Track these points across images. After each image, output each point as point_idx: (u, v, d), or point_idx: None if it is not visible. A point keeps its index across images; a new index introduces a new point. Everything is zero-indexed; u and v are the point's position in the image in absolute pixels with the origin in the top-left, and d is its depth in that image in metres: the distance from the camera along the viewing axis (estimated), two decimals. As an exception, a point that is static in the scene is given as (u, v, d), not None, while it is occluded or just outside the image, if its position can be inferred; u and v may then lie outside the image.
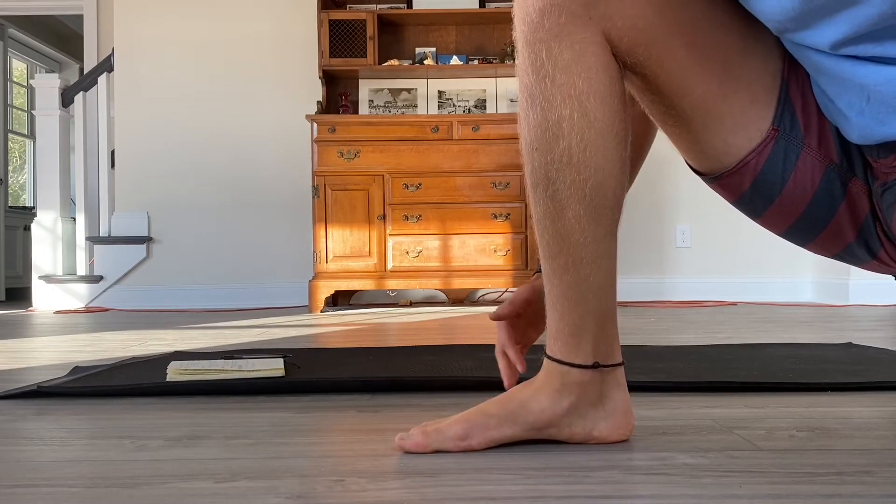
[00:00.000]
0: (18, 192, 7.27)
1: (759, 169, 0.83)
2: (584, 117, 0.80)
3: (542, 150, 0.82)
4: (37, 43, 6.71)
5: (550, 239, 0.85)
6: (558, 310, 0.87)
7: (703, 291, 4.18)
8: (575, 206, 0.82)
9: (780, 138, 0.81)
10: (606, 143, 0.81)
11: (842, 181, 0.82)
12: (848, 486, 0.74)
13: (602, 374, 0.89)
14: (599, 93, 0.80)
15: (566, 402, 0.88)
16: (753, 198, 0.86)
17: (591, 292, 0.86)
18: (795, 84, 0.81)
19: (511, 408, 0.90)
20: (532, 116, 0.82)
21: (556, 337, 0.88)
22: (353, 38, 3.97)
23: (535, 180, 0.83)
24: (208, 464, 0.85)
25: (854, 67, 0.70)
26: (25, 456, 0.91)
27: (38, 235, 4.26)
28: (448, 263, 3.72)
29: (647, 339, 2.18)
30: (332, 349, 1.91)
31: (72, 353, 1.99)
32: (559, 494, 0.73)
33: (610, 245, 0.86)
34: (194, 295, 4.23)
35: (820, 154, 0.81)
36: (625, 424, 0.91)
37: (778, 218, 0.87)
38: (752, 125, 0.82)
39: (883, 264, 0.87)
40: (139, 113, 4.31)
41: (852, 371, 1.42)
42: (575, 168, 0.81)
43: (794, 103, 0.81)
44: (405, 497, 0.73)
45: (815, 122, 0.81)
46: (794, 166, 0.82)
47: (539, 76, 0.80)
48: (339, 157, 3.74)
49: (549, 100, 0.80)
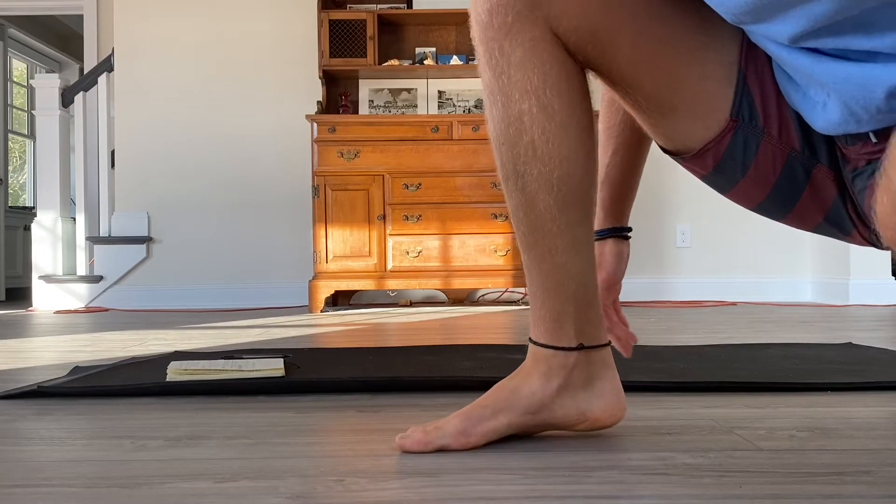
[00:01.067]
0: (18, 192, 7.28)
1: (720, 157, 0.83)
2: (542, 111, 0.82)
3: (508, 144, 0.84)
4: (37, 43, 6.71)
5: (525, 230, 0.87)
6: (539, 297, 0.89)
7: (703, 291, 4.18)
8: (544, 197, 0.84)
9: (738, 129, 0.82)
10: (569, 135, 0.83)
11: (805, 168, 0.82)
12: (848, 486, 0.74)
13: (588, 355, 0.90)
14: (556, 86, 0.82)
15: (555, 384, 0.90)
16: (717, 179, 0.87)
17: (570, 279, 0.88)
18: (754, 73, 0.81)
19: (503, 396, 0.91)
20: (495, 112, 0.85)
21: (539, 322, 0.90)
22: (353, 38, 3.97)
23: (506, 174, 0.86)
24: (208, 464, 0.85)
25: (813, 64, 0.69)
26: (25, 456, 0.91)
27: (38, 235, 4.26)
28: (448, 263, 3.72)
29: (647, 339, 2.18)
30: (332, 349, 1.91)
31: (72, 353, 1.99)
32: (559, 494, 0.73)
33: (585, 232, 0.88)
34: (194, 295, 4.23)
35: (781, 143, 0.81)
36: (617, 405, 0.92)
37: (744, 199, 0.88)
38: (709, 116, 0.82)
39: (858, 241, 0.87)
40: (139, 113, 4.31)
41: (852, 371, 1.42)
42: (541, 160, 0.83)
43: (752, 93, 0.81)
44: (405, 497, 0.73)
45: (774, 110, 0.81)
46: (754, 155, 0.82)
47: (496, 73, 0.83)
48: (339, 157, 3.74)
49: (507, 96, 0.83)
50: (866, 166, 0.76)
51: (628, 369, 1.44)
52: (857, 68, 0.66)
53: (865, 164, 0.76)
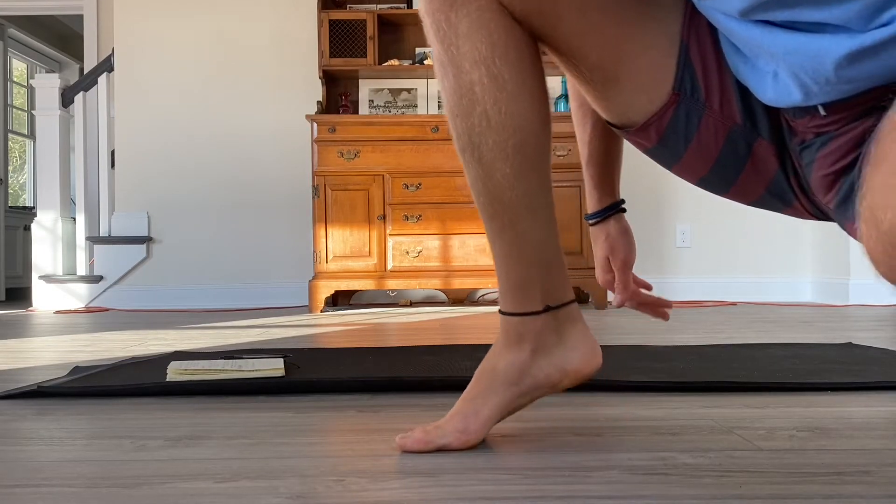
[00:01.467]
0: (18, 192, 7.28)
1: (663, 131, 0.84)
2: (493, 81, 0.82)
3: (462, 116, 0.84)
4: (37, 43, 6.71)
5: (485, 201, 0.87)
6: (503, 268, 0.90)
7: (703, 291, 4.18)
8: (501, 167, 0.85)
9: (680, 102, 0.82)
10: (521, 103, 0.83)
11: (746, 142, 0.82)
12: (848, 486, 0.74)
13: (555, 315, 0.91)
14: (505, 56, 0.82)
15: (528, 349, 0.90)
16: (660, 153, 0.87)
17: (532, 246, 0.88)
18: (696, 46, 0.81)
19: (485, 379, 0.91)
20: (447, 84, 0.85)
21: (506, 293, 0.91)
22: (353, 38, 3.97)
23: (462, 146, 0.86)
24: (208, 464, 0.85)
25: (763, 35, 0.69)
26: (25, 456, 0.91)
27: (38, 235, 4.26)
28: (448, 263, 3.72)
29: (647, 339, 2.18)
30: (332, 349, 1.91)
31: (72, 353, 1.99)
32: (559, 494, 0.73)
33: (544, 198, 0.88)
34: (194, 295, 4.23)
35: (722, 116, 0.82)
36: (592, 354, 0.92)
37: (687, 173, 0.88)
38: (651, 89, 0.82)
39: (800, 214, 0.87)
40: (139, 113, 4.31)
41: (852, 371, 1.42)
42: (495, 130, 0.83)
43: (694, 66, 0.81)
44: (405, 497, 0.73)
45: (716, 83, 0.81)
46: (696, 128, 0.82)
47: (444, 45, 0.83)
48: (339, 157, 3.73)
49: (458, 66, 0.83)
50: (815, 139, 0.76)
51: (629, 369, 1.44)
52: (807, 39, 0.66)
53: (814, 136, 0.76)
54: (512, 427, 1.01)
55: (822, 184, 0.77)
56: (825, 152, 0.75)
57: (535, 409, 1.13)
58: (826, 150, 0.75)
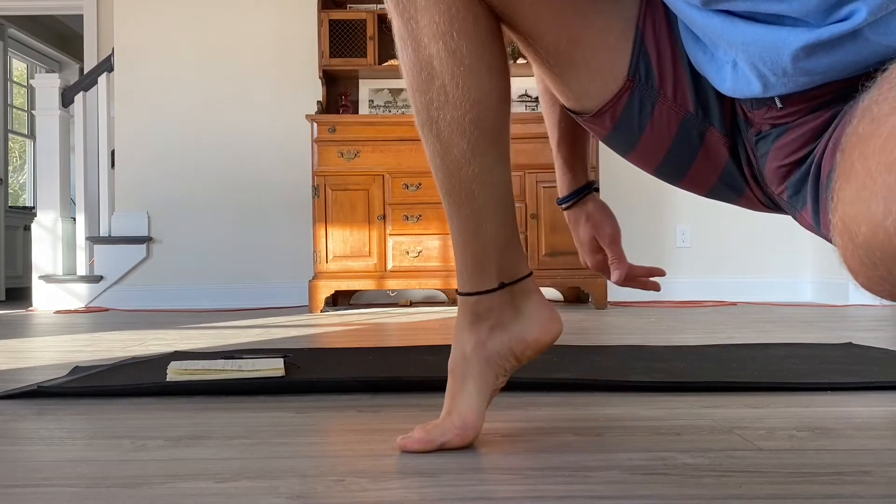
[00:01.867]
0: (18, 192, 7.28)
1: (617, 117, 0.84)
2: (451, 55, 0.82)
3: (421, 91, 0.84)
4: (37, 43, 6.71)
5: (443, 177, 0.87)
6: (460, 244, 0.91)
7: (703, 291, 4.18)
8: (458, 142, 0.84)
9: (635, 89, 0.82)
10: (480, 78, 0.83)
11: (698, 131, 0.83)
12: (848, 486, 0.74)
13: (510, 290, 0.92)
14: (464, 30, 0.81)
15: (485, 325, 0.91)
16: (616, 140, 0.88)
17: (488, 222, 0.88)
18: (651, 32, 0.82)
19: (458, 369, 0.92)
20: (406, 58, 0.84)
21: (462, 272, 0.92)
22: (353, 38, 3.97)
23: (421, 121, 0.86)
24: (208, 464, 0.85)
25: (724, 24, 0.69)
26: (25, 456, 0.91)
27: (38, 235, 4.26)
28: (448, 263, 3.72)
29: (647, 339, 2.18)
30: (332, 349, 1.91)
31: (72, 353, 1.99)
32: (559, 494, 0.73)
33: (500, 172, 0.88)
34: (194, 295, 4.23)
35: (675, 105, 0.82)
36: (550, 321, 0.93)
37: (642, 161, 0.89)
38: (606, 73, 0.83)
39: (752, 204, 0.88)
40: (139, 113, 4.31)
41: (852, 371, 1.42)
42: (452, 105, 0.83)
43: (649, 53, 0.82)
44: (405, 497, 0.73)
45: (670, 72, 0.81)
46: (650, 116, 0.83)
47: (404, 19, 0.82)
48: (339, 157, 3.74)
49: (417, 40, 0.82)
50: (771, 130, 0.76)
51: (629, 369, 1.44)
52: (765, 30, 0.66)
53: (770, 127, 0.76)
54: (512, 427, 1.01)
55: (776, 175, 0.78)
56: (780, 143, 0.75)
57: (536, 409, 1.13)
58: (781, 141, 0.75)
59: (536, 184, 3.71)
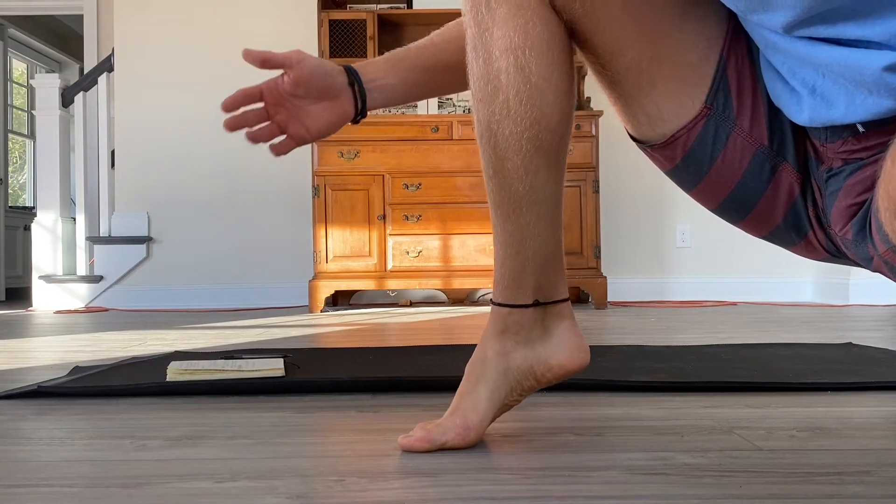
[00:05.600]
0: (18, 192, 7.28)
1: (690, 145, 0.84)
2: (520, 71, 0.82)
3: (485, 101, 0.85)
4: (37, 43, 6.71)
5: (494, 188, 0.88)
6: (500, 256, 0.91)
7: (703, 291, 4.18)
8: (513, 157, 0.85)
9: (711, 117, 0.82)
10: (544, 97, 0.83)
11: (771, 165, 0.82)
12: (848, 486, 0.74)
13: (543, 310, 0.91)
14: (536, 47, 0.82)
15: (511, 339, 0.91)
16: (684, 172, 0.87)
17: (531, 239, 0.88)
18: (734, 64, 0.81)
19: (475, 372, 0.92)
20: (475, 68, 0.85)
21: (499, 282, 0.92)
22: (353, 38, 3.97)
23: (480, 131, 0.87)
24: (208, 464, 0.85)
25: (807, 48, 0.70)
26: (25, 456, 0.91)
27: (38, 235, 4.26)
28: (448, 263, 3.72)
29: (647, 339, 2.18)
30: (332, 349, 1.91)
31: (72, 353, 1.99)
32: (559, 494, 0.73)
33: (551, 193, 0.88)
34: (194, 295, 4.23)
35: (751, 136, 0.82)
36: (578, 349, 0.92)
37: (707, 195, 0.88)
38: (685, 96, 0.82)
39: (811, 250, 0.87)
40: (139, 113, 4.31)
41: (852, 371, 1.42)
42: (513, 120, 0.83)
43: (729, 83, 0.81)
44: (405, 497, 0.73)
45: (749, 103, 0.81)
46: (723, 146, 0.82)
47: (480, 29, 0.83)
48: (340, 157, 3.74)
49: (488, 52, 0.83)
50: (844, 166, 0.76)
51: (629, 369, 1.44)
52: (850, 51, 0.66)
53: (842, 163, 0.76)
54: (512, 427, 1.01)
55: (844, 214, 0.77)
56: (853, 181, 0.75)
57: (535, 409, 1.13)
58: (855, 178, 0.75)
59: (536, 184, 3.71)
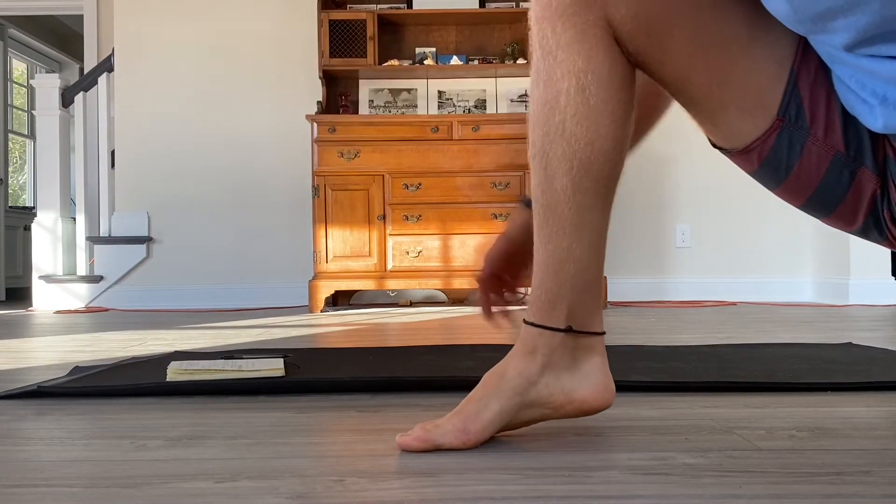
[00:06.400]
0: (18, 192, 7.27)
1: (765, 155, 0.84)
2: (580, 93, 0.84)
3: (541, 122, 0.86)
4: (37, 43, 6.71)
5: (540, 208, 0.88)
6: (539, 276, 0.90)
7: (703, 291, 4.17)
8: (562, 177, 0.86)
9: (784, 128, 0.82)
10: (600, 121, 0.84)
11: (849, 170, 0.82)
12: (848, 486, 0.74)
13: (575, 339, 0.91)
14: (598, 72, 0.84)
15: (538, 362, 0.90)
16: (763, 176, 0.88)
17: (571, 262, 0.88)
18: (806, 75, 0.82)
19: (492, 383, 0.91)
20: (536, 92, 0.87)
21: (534, 303, 0.91)
22: (353, 38, 3.97)
23: (533, 152, 0.88)
24: (208, 464, 0.85)
25: (872, 63, 0.71)
26: (25, 456, 0.91)
27: (38, 235, 4.26)
28: (448, 263, 3.72)
29: (647, 339, 2.18)
30: (332, 349, 1.91)
31: (72, 353, 1.99)
32: (559, 494, 0.73)
33: (596, 219, 0.88)
34: (194, 295, 4.23)
35: (826, 144, 0.82)
36: (604, 388, 0.92)
37: (790, 196, 0.89)
38: (757, 112, 0.83)
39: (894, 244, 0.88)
40: (139, 113, 4.31)
41: (852, 371, 1.42)
42: (566, 140, 0.85)
43: (801, 94, 0.82)
44: (405, 497, 0.73)
45: (822, 112, 0.82)
46: (799, 155, 0.83)
47: (544, 52, 0.85)
48: (340, 157, 3.74)
49: (550, 75, 0.85)
50: None
51: (629, 369, 1.44)
52: None
53: None
54: (512, 427, 1.01)
55: None
56: None
57: (535, 409, 1.13)
58: None
59: (536, 184, 3.71)
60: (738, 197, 4.08)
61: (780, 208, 4.04)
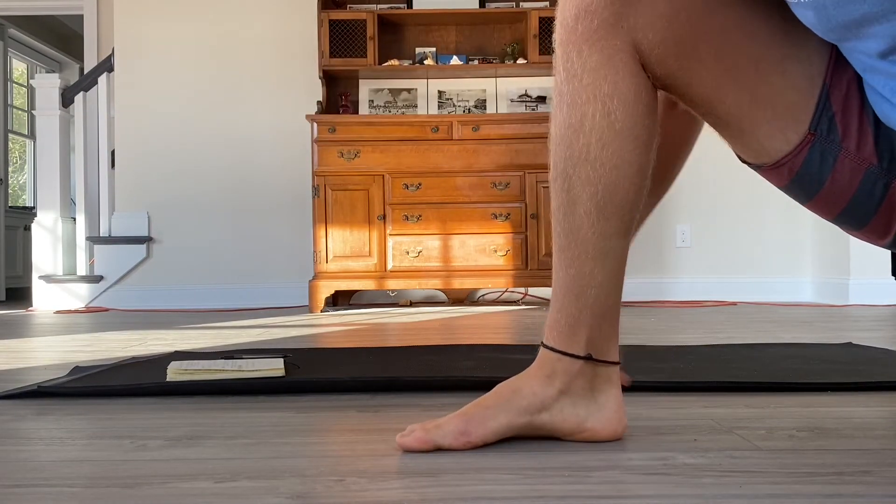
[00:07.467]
0: (18, 192, 7.27)
1: (796, 170, 0.84)
2: (605, 117, 0.83)
3: (564, 145, 0.86)
4: (37, 43, 6.71)
5: (561, 231, 0.88)
6: (559, 300, 0.90)
7: (703, 291, 4.18)
8: (586, 202, 0.85)
9: (815, 142, 0.82)
10: (625, 146, 0.84)
11: (883, 182, 0.82)
12: (848, 486, 0.74)
13: (594, 367, 0.90)
14: (624, 97, 0.83)
15: (556, 387, 0.90)
16: (794, 191, 0.88)
17: (592, 288, 0.88)
18: (838, 89, 0.82)
19: (505, 396, 0.91)
20: (559, 115, 0.86)
21: (553, 326, 0.91)
22: (354, 38, 3.97)
23: (555, 174, 0.87)
24: (208, 464, 0.85)
25: None
26: (25, 456, 0.91)
27: (38, 235, 4.26)
28: (448, 263, 3.72)
29: (647, 339, 2.18)
30: (332, 349, 1.91)
31: (72, 353, 1.99)
32: (559, 494, 0.73)
33: (617, 245, 0.88)
34: (194, 295, 4.23)
35: (858, 157, 0.82)
36: (617, 421, 0.92)
37: (821, 210, 0.88)
38: (788, 128, 0.83)
39: None
40: (139, 113, 4.31)
41: (852, 371, 1.42)
42: (591, 164, 0.84)
43: (833, 108, 0.82)
44: (405, 497, 0.73)
45: (854, 126, 0.82)
46: (831, 169, 0.83)
47: (569, 75, 0.84)
48: (340, 157, 3.74)
49: (575, 99, 0.84)
50: None
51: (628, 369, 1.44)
52: None
53: None
54: (512, 427, 1.01)
55: None
56: None
57: (535, 409, 1.13)
58: None
59: (536, 184, 3.71)
60: (738, 197, 4.09)
61: (780, 209, 4.05)
